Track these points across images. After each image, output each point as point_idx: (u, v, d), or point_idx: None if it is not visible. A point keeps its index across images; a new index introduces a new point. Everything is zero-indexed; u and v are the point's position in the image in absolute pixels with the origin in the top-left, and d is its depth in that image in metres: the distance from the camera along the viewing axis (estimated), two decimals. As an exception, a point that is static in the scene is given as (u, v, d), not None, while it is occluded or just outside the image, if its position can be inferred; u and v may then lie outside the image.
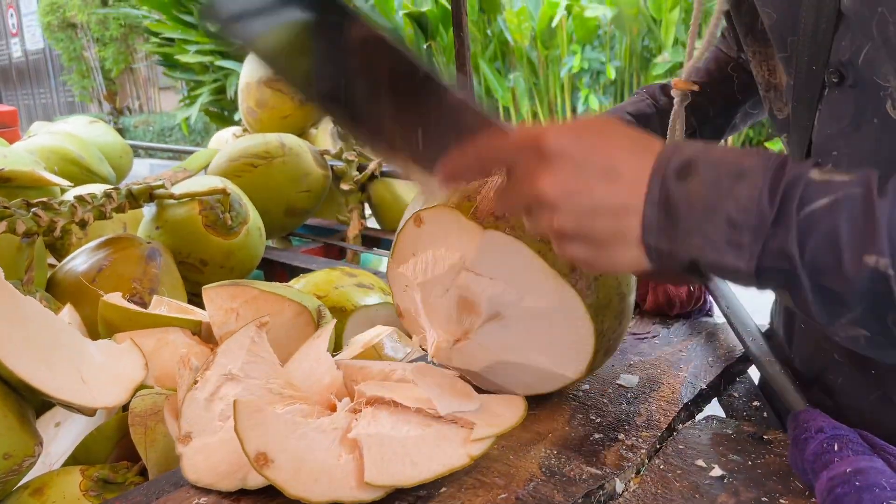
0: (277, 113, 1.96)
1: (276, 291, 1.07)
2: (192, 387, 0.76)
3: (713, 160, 0.51)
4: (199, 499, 0.69)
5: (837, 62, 0.64)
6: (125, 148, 2.40)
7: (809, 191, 0.48)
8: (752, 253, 0.48)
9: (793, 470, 0.66)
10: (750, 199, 0.48)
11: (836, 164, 0.68)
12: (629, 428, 0.77)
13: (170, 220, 1.42)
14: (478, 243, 0.77)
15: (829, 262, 0.47)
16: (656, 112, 0.97)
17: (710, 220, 0.49)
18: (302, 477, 0.64)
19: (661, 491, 0.67)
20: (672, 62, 5.09)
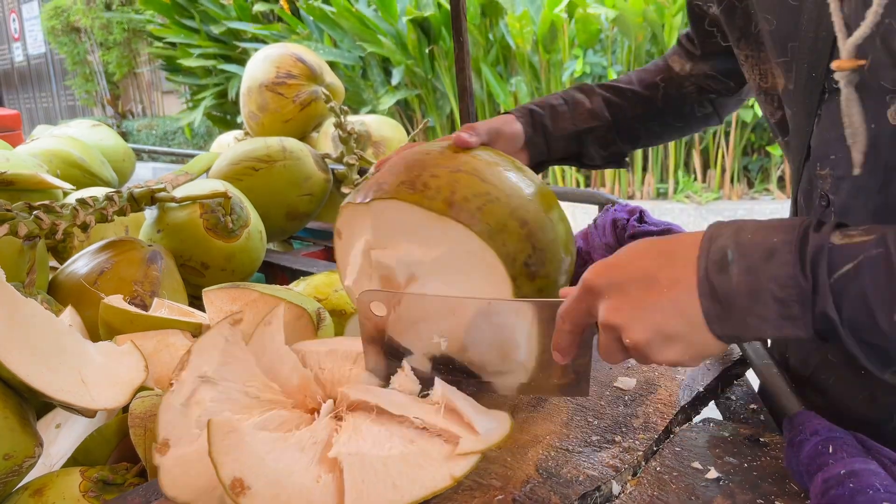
0: (279, 117, 1.97)
1: (276, 294, 1.07)
2: (169, 389, 0.75)
3: (743, 245, 0.55)
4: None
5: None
6: (127, 151, 2.41)
7: (834, 257, 0.52)
8: (805, 322, 0.53)
9: (788, 472, 0.66)
10: (787, 276, 0.53)
11: (833, 167, 0.68)
12: (626, 430, 0.78)
13: (171, 223, 1.43)
14: (370, 220, 0.82)
15: (865, 322, 0.51)
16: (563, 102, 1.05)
17: (759, 301, 0.54)
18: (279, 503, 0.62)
19: (657, 493, 0.67)
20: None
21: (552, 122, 1.03)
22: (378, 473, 0.65)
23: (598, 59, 5.34)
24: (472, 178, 0.80)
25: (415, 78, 6.20)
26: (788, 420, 0.67)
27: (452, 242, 0.77)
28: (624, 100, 1.06)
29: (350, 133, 1.76)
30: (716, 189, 5.76)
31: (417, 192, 0.78)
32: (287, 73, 1.93)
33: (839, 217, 0.68)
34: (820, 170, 0.70)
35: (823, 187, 0.70)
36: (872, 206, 0.65)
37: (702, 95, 1.06)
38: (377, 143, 1.95)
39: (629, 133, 1.07)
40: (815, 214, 0.73)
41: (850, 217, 0.67)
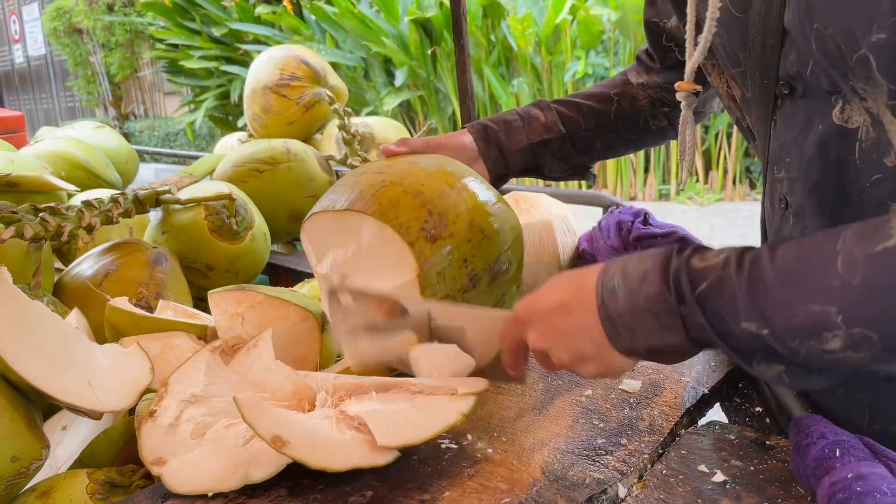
0: (283, 119, 1.97)
1: (280, 296, 1.08)
2: (149, 419, 0.78)
3: (626, 273, 0.64)
4: (207, 498, 0.69)
5: (787, 75, 0.68)
6: (131, 153, 2.41)
7: (694, 276, 0.60)
8: (678, 330, 0.61)
9: (795, 475, 0.66)
10: (656, 293, 0.61)
11: (787, 170, 0.72)
12: (632, 433, 0.78)
13: (176, 225, 1.43)
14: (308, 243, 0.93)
15: (725, 330, 0.58)
16: (518, 117, 1.08)
17: (639, 317, 0.62)
18: (318, 451, 0.68)
19: (663, 496, 0.67)
20: (676, 68, 5.10)
21: (506, 137, 1.06)
22: (397, 420, 0.72)
23: (600, 60, 5.34)
24: (373, 175, 0.88)
25: (417, 79, 6.21)
26: (794, 423, 0.67)
27: (359, 232, 0.85)
28: (578, 113, 1.08)
29: (354, 135, 1.76)
30: (718, 190, 5.75)
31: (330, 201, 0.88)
32: (291, 75, 1.93)
33: (796, 218, 0.73)
34: (777, 172, 0.74)
35: (781, 190, 0.74)
36: (827, 206, 0.69)
37: (655, 108, 1.08)
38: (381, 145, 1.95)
39: (584, 145, 1.09)
40: (776, 217, 0.77)
41: (806, 217, 0.72)
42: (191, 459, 0.73)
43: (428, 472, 0.72)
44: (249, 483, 0.70)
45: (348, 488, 0.71)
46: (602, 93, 1.10)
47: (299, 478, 0.73)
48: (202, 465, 0.72)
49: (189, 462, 0.73)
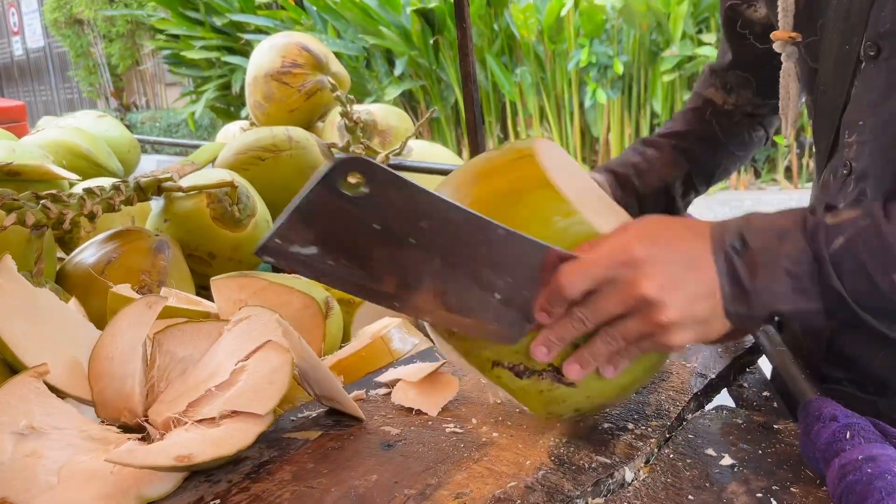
0: (284, 106, 1.96)
1: (283, 283, 1.07)
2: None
3: (756, 230, 0.60)
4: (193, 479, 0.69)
5: (875, 35, 0.65)
6: (133, 142, 2.40)
7: (829, 234, 0.57)
8: (814, 294, 0.58)
9: (804, 459, 0.66)
10: (799, 251, 0.58)
11: (859, 133, 0.70)
12: (638, 418, 0.77)
13: (178, 212, 1.43)
14: None
15: (866, 287, 0.57)
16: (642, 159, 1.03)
17: (774, 278, 0.58)
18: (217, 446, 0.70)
19: (670, 480, 0.67)
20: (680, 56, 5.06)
21: (640, 181, 1.01)
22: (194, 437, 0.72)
23: (603, 48, 5.31)
24: None
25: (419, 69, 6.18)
26: (804, 406, 0.66)
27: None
28: (689, 142, 1.04)
29: (356, 122, 1.75)
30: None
31: None
32: (292, 63, 1.92)
33: (856, 182, 0.71)
34: (848, 137, 0.72)
35: (848, 155, 0.72)
36: (891, 169, 0.67)
37: (754, 119, 1.05)
38: (383, 133, 1.94)
39: (705, 173, 1.05)
40: (836, 183, 0.75)
41: (868, 181, 0.70)
42: (57, 496, 0.67)
43: (433, 457, 0.72)
44: (150, 501, 0.68)
45: (353, 473, 0.70)
46: (696, 119, 1.05)
47: (303, 462, 0.73)
48: (78, 498, 0.67)
49: (57, 499, 0.67)
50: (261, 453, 0.76)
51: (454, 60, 5.85)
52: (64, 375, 0.84)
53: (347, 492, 0.67)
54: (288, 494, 0.68)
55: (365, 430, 0.79)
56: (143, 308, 0.89)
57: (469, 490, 0.66)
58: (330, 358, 1.02)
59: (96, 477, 0.70)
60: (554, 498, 0.64)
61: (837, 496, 0.55)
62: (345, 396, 0.82)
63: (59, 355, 0.86)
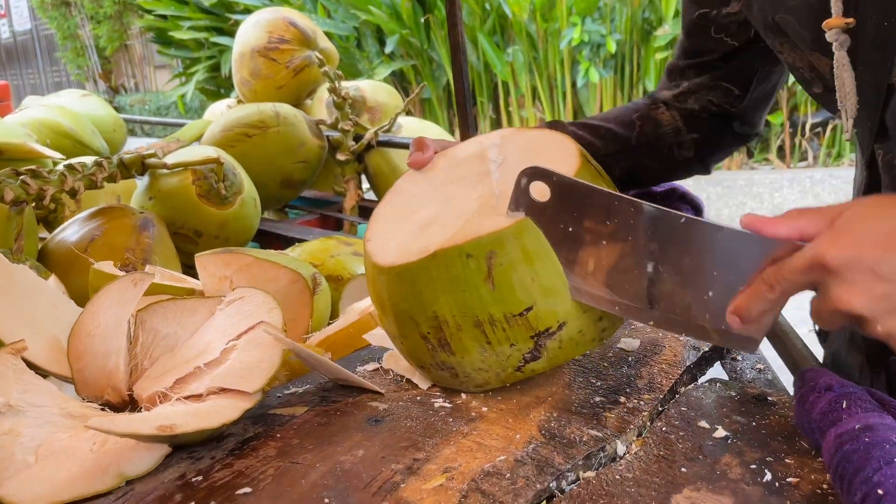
0: (272, 83, 1.92)
1: (270, 259, 1.05)
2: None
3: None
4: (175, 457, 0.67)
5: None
6: (118, 122, 2.37)
7: None
8: None
9: (799, 430, 0.64)
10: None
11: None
12: (631, 391, 0.76)
13: (163, 190, 1.40)
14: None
15: None
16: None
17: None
18: (201, 418, 0.69)
19: (663, 452, 0.65)
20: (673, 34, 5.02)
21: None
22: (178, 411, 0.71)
23: (596, 27, 5.25)
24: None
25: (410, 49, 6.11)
26: (799, 376, 0.65)
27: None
28: (595, 136, 1.01)
29: (345, 98, 1.72)
30: (714, 159, 5.72)
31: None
32: (279, 38, 1.88)
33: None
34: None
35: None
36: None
37: (681, 136, 1.02)
38: (372, 109, 1.91)
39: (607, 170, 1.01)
40: (887, 178, 0.72)
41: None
42: (34, 475, 0.66)
43: (421, 431, 0.70)
44: (129, 479, 0.66)
45: (339, 448, 0.69)
46: (624, 116, 1.03)
47: (288, 438, 0.71)
48: (57, 476, 0.66)
49: (34, 477, 0.66)
50: (245, 429, 0.74)
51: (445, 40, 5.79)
52: (43, 352, 0.82)
53: (333, 467, 0.65)
54: (272, 470, 0.66)
55: (352, 406, 0.77)
56: (128, 285, 0.87)
57: (457, 464, 0.64)
58: (318, 334, 1.00)
59: (75, 455, 0.68)
60: (544, 471, 0.63)
61: (833, 466, 0.54)
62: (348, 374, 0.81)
63: (37, 332, 0.84)
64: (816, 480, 0.59)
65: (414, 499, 0.60)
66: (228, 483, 0.65)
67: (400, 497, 0.61)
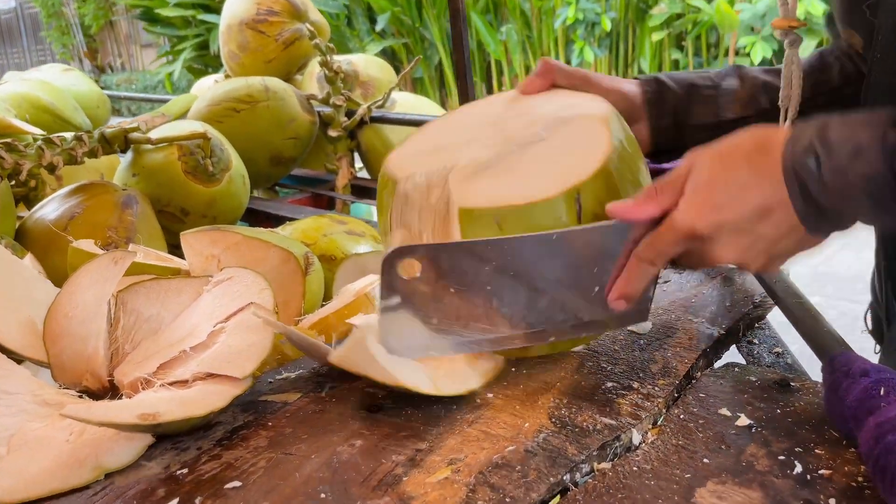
0: (261, 56, 1.85)
1: (260, 237, 1.00)
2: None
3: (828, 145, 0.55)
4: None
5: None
6: (102, 97, 2.29)
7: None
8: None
9: (829, 418, 0.60)
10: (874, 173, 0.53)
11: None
12: (644, 376, 0.71)
13: (147, 166, 1.34)
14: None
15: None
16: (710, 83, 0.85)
17: (851, 199, 0.55)
18: (187, 406, 0.65)
19: (682, 442, 0.61)
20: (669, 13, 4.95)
21: (689, 105, 0.81)
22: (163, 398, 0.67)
23: (591, 5, 5.17)
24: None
25: (401, 26, 6.02)
26: (829, 362, 0.61)
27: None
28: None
29: (336, 72, 1.66)
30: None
31: None
32: (268, 10, 1.81)
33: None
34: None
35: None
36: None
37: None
38: (365, 84, 1.85)
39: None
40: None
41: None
42: (6, 467, 0.61)
43: (422, 419, 0.66)
44: (108, 471, 0.62)
45: (335, 438, 0.64)
46: (819, 58, 0.86)
47: (281, 427, 0.67)
48: (30, 468, 0.61)
49: (5, 469, 0.61)
50: (234, 417, 0.70)
51: (438, 18, 5.70)
52: (17, 336, 0.77)
53: (329, 459, 0.61)
54: (263, 462, 0.61)
55: (349, 392, 0.73)
56: (108, 264, 0.82)
57: (463, 455, 0.60)
58: (311, 316, 0.95)
59: (50, 446, 0.63)
60: (557, 463, 0.59)
61: (873, 458, 0.50)
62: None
63: (11, 314, 0.79)
64: (851, 472, 0.55)
65: (417, 493, 0.56)
66: (216, 476, 0.60)
67: (402, 491, 0.56)
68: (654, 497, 0.55)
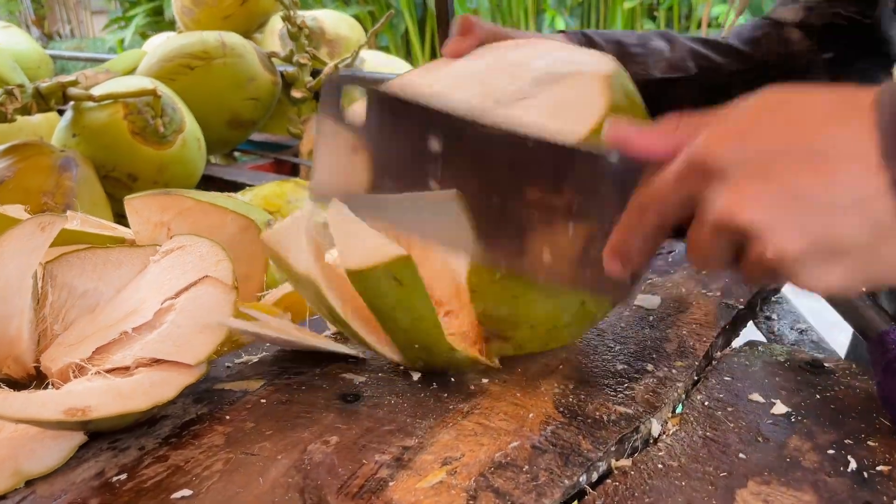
0: (217, 12, 1.71)
1: (216, 202, 0.89)
2: None
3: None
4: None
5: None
6: (43, 57, 2.12)
7: None
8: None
9: (882, 404, 0.52)
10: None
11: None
12: (658, 357, 0.63)
13: (89, 125, 1.21)
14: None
15: None
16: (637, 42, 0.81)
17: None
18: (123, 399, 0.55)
19: (711, 433, 0.53)
20: (641, -17, 4.88)
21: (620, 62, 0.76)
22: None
23: (562, -27, 5.07)
24: None
25: (366, -7, 5.83)
26: (878, 339, 0.53)
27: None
28: (715, 51, 0.83)
29: (301, 28, 1.53)
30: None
31: None
32: (226, -40, 1.67)
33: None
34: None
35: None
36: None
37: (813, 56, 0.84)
38: (332, 43, 1.72)
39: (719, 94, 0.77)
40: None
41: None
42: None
43: (409, 410, 0.56)
44: (30, 478, 0.52)
45: (306, 434, 0.54)
46: (746, 33, 0.86)
47: (241, 421, 0.57)
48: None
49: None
50: (185, 410, 0.59)
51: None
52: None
53: (299, 460, 0.51)
54: (220, 465, 0.51)
55: (320, 379, 0.63)
56: (34, 230, 0.70)
57: (460, 453, 0.51)
58: (275, 291, 0.85)
59: None
60: (570, 461, 0.50)
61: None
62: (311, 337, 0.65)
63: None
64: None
65: (407, 501, 0.46)
66: (162, 483, 0.50)
67: (389, 499, 0.47)
68: (688, 501, 0.46)
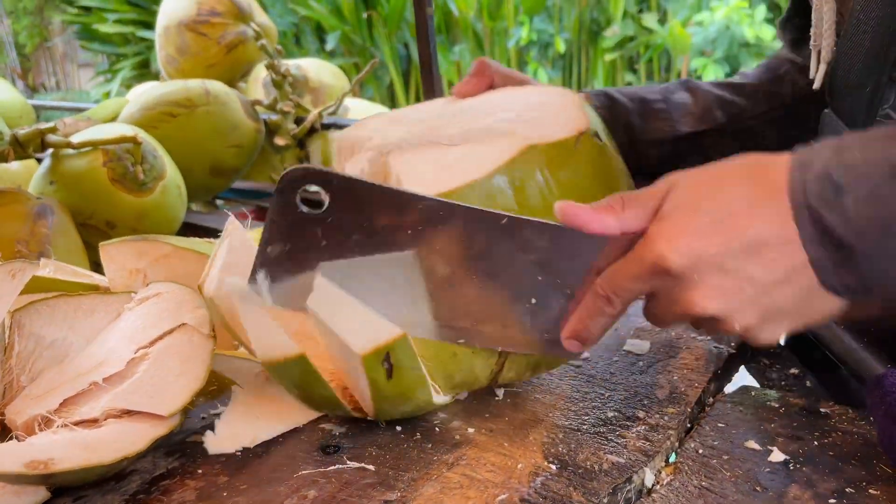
0: (201, 61, 1.72)
1: (194, 248, 0.87)
2: None
3: (855, 167, 0.42)
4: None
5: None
6: (25, 107, 2.10)
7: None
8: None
9: (882, 449, 0.51)
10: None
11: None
12: (649, 403, 0.61)
13: (67, 173, 1.19)
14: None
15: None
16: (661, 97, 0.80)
17: (891, 233, 0.42)
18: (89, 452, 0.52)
19: (706, 483, 0.51)
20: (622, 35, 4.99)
21: (642, 120, 0.77)
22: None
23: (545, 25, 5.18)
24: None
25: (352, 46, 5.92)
26: (875, 382, 0.51)
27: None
28: (740, 95, 0.80)
29: (284, 76, 1.54)
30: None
31: None
32: (210, 10, 1.68)
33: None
34: None
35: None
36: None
37: None
38: (316, 91, 1.73)
39: (750, 139, 0.79)
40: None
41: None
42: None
43: (391, 463, 0.54)
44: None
45: (282, 488, 0.51)
46: (765, 74, 0.81)
47: (213, 475, 0.54)
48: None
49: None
50: (154, 464, 0.56)
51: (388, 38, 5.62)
52: None
53: (274, 518, 0.48)
54: (189, 524, 0.48)
55: (298, 430, 0.60)
56: (3, 277, 0.68)
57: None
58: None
59: None
60: (561, 515, 0.47)
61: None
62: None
63: None
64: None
65: (388, 561, 0.44)
66: (126, 545, 0.47)
67: (369, 560, 0.44)
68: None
